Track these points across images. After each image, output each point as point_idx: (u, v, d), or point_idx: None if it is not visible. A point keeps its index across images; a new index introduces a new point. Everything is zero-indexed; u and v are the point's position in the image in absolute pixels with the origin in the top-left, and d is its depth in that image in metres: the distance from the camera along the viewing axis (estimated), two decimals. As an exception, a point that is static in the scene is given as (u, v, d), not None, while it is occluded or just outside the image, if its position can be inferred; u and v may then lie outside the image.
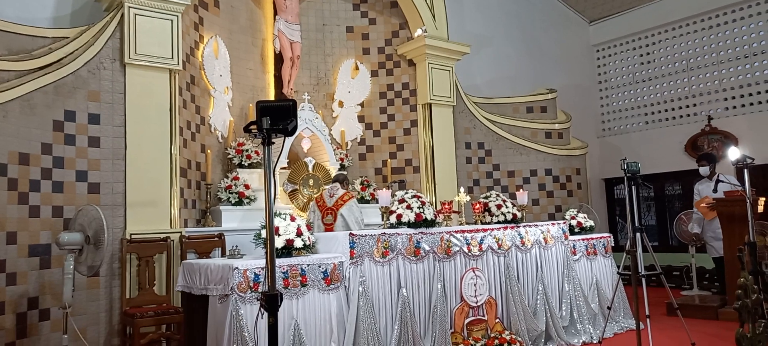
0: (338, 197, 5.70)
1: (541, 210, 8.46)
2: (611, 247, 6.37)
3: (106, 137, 5.34)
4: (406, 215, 4.67)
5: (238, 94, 7.13)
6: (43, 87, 4.89)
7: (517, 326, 5.07)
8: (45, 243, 4.85)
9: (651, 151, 9.77)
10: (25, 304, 4.67)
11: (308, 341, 3.87)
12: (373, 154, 8.04)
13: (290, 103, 2.60)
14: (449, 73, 8.02)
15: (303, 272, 3.93)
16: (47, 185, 4.93)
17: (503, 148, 8.48)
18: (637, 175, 4.06)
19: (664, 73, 10.16)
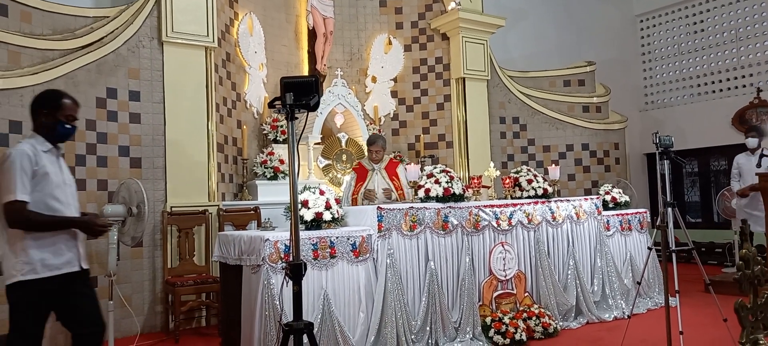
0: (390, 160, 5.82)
1: (577, 186, 8.34)
2: (648, 222, 6.26)
3: (146, 114, 5.55)
4: (434, 190, 4.71)
5: (272, 71, 7.25)
6: (86, 65, 5.11)
7: (547, 300, 5.07)
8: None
9: (696, 125, 9.46)
10: (74, 272, 4.94)
11: (337, 311, 3.99)
12: (406, 130, 8.07)
13: (313, 78, 2.66)
14: (484, 46, 7.92)
15: (332, 244, 4.04)
16: (92, 159, 5.18)
17: (539, 122, 8.36)
18: (670, 149, 3.97)
19: (711, 43, 9.77)
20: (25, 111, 4.56)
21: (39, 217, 2.68)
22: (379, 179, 5.44)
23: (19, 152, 2.69)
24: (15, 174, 2.64)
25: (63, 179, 2.85)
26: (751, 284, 1.58)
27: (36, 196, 2.68)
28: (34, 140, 2.81)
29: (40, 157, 2.73)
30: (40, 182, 2.70)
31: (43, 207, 2.71)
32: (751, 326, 1.70)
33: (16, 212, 2.64)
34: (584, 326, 5.16)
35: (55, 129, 2.85)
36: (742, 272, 1.64)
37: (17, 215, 2.64)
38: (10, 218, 2.66)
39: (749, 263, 1.62)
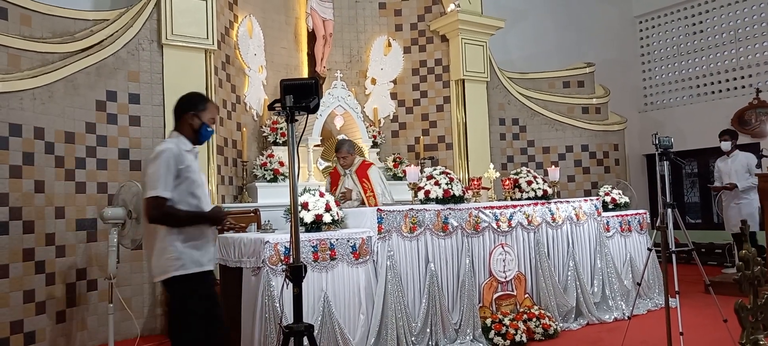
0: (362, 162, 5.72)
1: (577, 187, 8.34)
2: (647, 223, 6.26)
3: (146, 116, 5.55)
4: (434, 191, 4.71)
5: (272, 73, 7.25)
6: (86, 68, 5.11)
7: (547, 301, 5.07)
8: (91, 217, 5.11)
9: (695, 126, 9.46)
10: (74, 275, 4.95)
11: (337, 313, 3.99)
12: (406, 132, 8.07)
13: (312, 81, 2.66)
14: (483, 48, 7.93)
15: (332, 246, 4.04)
16: (92, 162, 5.18)
17: (538, 123, 8.37)
18: (670, 150, 3.97)
19: (710, 44, 9.78)
20: (25, 114, 4.58)
21: (177, 212, 2.76)
22: (349, 183, 5.51)
23: (168, 151, 2.78)
24: (161, 171, 2.73)
25: (201, 178, 2.95)
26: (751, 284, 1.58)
27: (178, 193, 2.77)
28: (178, 140, 2.91)
29: (184, 157, 2.83)
30: (183, 180, 2.79)
31: (185, 205, 2.80)
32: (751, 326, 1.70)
33: (156, 207, 2.71)
34: (584, 327, 5.16)
35: (200, 131, 2.98)
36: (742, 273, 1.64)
37: (157, 210, 2.72)
38: (150, 213, 2.73)
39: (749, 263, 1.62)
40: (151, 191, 2.73)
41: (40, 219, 4.65)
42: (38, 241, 4.63)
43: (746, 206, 6.94)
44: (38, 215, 4.64)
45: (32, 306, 4.53)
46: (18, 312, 4.43)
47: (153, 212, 2.73)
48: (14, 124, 4.49)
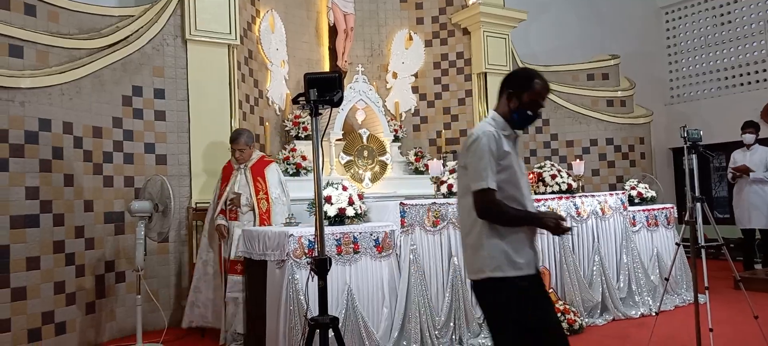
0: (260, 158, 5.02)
1: (602, 181, 8.23)
2: (675, 218, 6.15)
3: (171, 111, 5.62)
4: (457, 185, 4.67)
5: (294, 68, 7.28)
6: (112, 64, 5.19)
7: (572, 296, 5.02)
8: (118, 211, 5.20)
9: (723, 118, 9.24)
10: (102, 267, 5.05)
11: (361, 306, 4.00)
12: (427, 126, 8.04)
13: (336, 74, 2.67)
14: (505, 41, 7.85)
15: (355, 239, 4.05)
16: (119, 156, 5.27)
17: (561, 117, 8.27)
18: (698, 143, 3.89)
19: (738, 35, 9.54)
20: (54, 109, 4.67)
21: (509, 209, 2.39)
22: (242, 179, 4.81)
23: (487, 134, 2.39)
24: (485, 159, 2.35)
25: (521, 168, 2.53)
26: None
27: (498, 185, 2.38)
28: (496, 122, 2.51)
29: (502, 142, 2.43)
30: (504, 169, 2.41)
31: (505, 198, 2.40)
32: None
33: (489, 201, 2.35)
34: (610, 322, 5.10)
35: (513, 113, 2.50)
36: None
37: (490, 205, 2.36)
38: (481, 208, 2.37)
39: None
40: (478, 182, 2.34)
41: (69, 212, 4.75)
42: (68, 233, 4.72)
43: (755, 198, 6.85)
44: (68, 208, 4.74)
45: (62, 297, 4.63)
46: (49, 303, 4.53)
47: (484, 207, 2.35)
48: (43, 119, 4.58)
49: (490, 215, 2.37)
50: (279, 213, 4.77)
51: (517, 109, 2.49)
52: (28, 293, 4.39)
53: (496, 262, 2.37)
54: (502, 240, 2.38)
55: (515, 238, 2.39)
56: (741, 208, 7.09)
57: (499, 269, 2.37)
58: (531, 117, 2.52)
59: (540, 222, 2.45)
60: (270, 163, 4.96)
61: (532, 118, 2.53)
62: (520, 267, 2.38)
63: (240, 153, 4.81)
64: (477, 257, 2.42)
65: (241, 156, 4.82)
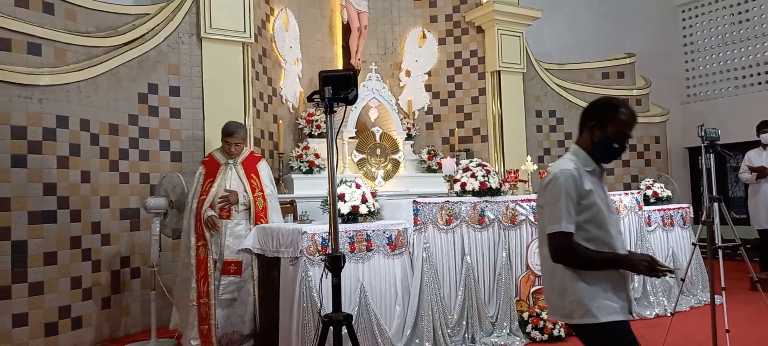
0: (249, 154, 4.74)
1: (616, 180, 8.17)
2: (691, 218, 6.09)
3: (186, 109, 5.67)
4: (470, 184, 4.67)
5: (307, 66, 7.30)
6: (129, 62, 5.24)
7: (585, 296, 4.98)
8: (134, 207, 5.25)
9: (740, 118, 9.11)
10: (118, 262, 5.10)
11: (374, 304, 4.01)
12: (441, 124, 8.03)
13: (351, 72, 2.67)
14: (519, 39, 7.81)
15: (368, 237, 4.05)
16: (135, 153, 5.32)
17: (576, 116, 8.09)
18: (716, 142, 3.84)
19: (756, 33, 9.40)
20: (71, 106, 4.73)
21: (587, 252, 2.23)
22: (234, 175, 4.50)
23: (564, 173, 2.26)
24: (561, 200, 2.22)
25: (608, 205, 2.35)
26: None
27: (579, 225, 2.25)
28: (577, 157, 2.34)
29: (584, 179, 2.27)
30: (585, 208, 2.25)
31: (588, 239, 2.25)
32: None
33: (562, 246, 2.22)
34: (624, 323, 5.05)
35: (597, 146, 2.32)
36: None
37: (564, 250, 2.23)
38: (555, 252, 2.25)
39: None
40: (554, 225, 2.23)
41: (86, 208, 4.80)
42: (84, 229, 4.79)
43: None
44: (84, 204, 4.79)
45: (79, 292, 4.70)
46: (65, 298, 4.59)
47: (558, 252, 2.24)
48: (61, 116, 4.64)
49: (564, 259, 2.24)
50: (275, 209, 4.57)
51: (601, 141, 2.31)
52: (46, 288, 4.46)
53: (584, 307, 2.22)
54: (588, 284, 2.23)
55: (602, 281, 2.23)
56: (757, 208, 7.00)
57: (589, 315, 2.22)
58: (617, 150, 2.34)
59: (630, 265, 2.26)
60: (260, 159, 4.73)
61: (618, 150, 2.34)
62: (610, 312, 2.23)
63: (235, 147, 4.51)
64: (563, 302, 2.29)
65: (236, 150, 4.53)
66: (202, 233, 4.38)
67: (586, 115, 2.38)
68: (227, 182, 4.47)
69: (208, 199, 4.38)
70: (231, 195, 4.40)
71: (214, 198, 4.40)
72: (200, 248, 4.38)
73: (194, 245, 4.39)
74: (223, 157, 4.56)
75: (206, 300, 4.33)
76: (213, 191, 4.41)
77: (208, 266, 4.36)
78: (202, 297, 4.34)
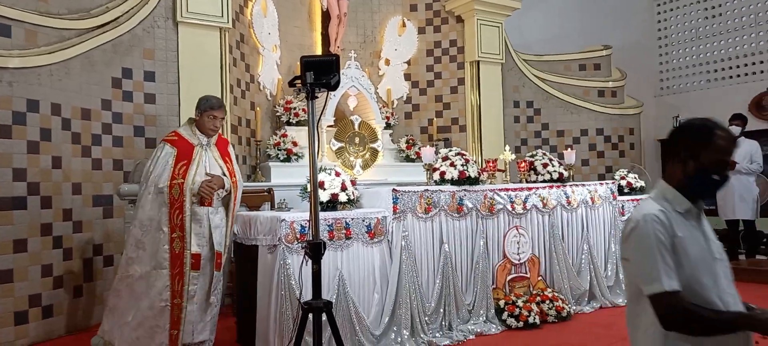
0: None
1: (591, 171, 8.29)
2: (663, 209, 6.21)
3: (161, 94, 5.56)
4: (449, 173, 4.69)
5: (286, 53, 7.22)
6: (102, 45, 5.10)
7: (560, 284, 5.07)
8: (107, 194, 5.14)
9: (712, 111, 9.23)
10: (90, 250, 5.00)
11: (352, 292, 4.01)
12: (419, 113, 8.03)
13: (333, 57, 2.65)
14: (499, 29, 7.85)
15: (347, 225, 4.04)
16: (108, 139, 5.20)
17: (553, 106, 8.29)
18: (690, 133, 3.92)
19: (729, 28, 9.60)
20: (42, 90, 4.59)
21: (703, 313, 1.81)
22: (211, 158, 3.99)
23: (648, 219, 1.86)
24: (653, 251, 1.82)
25: (710, 250, 1.93)
26: None
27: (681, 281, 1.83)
28: (664, 198, 1.95)
29: (674, 224, 1.87)
30: (677, 259, 1.84)
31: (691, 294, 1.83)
32: None
33: (671, 309, 1.80)
34: (597, 310, 5.16)
35: (691, 180, 1.93)
36: None
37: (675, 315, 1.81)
38: (664, 319, 1.82)
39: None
40: (651, 284, 1.82)
41: (57, 195, 4.69)
42: (56, 216, 4.67)
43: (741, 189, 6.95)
44: (55, 190, 4.68)
45: (50, 280, 4.60)
46: (36, 286, 4.49)
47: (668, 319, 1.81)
48: (32, 100, 4.51)
49: (677, 325, 1.82)
50: (239, 198, 4.15)
51: (697, 174, 1.91)
52: (15, 276, 4.35)
53: None
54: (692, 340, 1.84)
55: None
56: (726, 200, 7.17)
57: None
58: (717, 182, 1.93)
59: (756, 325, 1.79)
60: (228, 142, 4.29)
61: (717, 183, 1.93)
62: None
63: (219, 123, 4.01)
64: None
65: (215, 128, 4.00)
66: (178, 223, 3.77)
67: (674, 144, 1.98)
68: (207, 166, 3.94)
69: (188, 183, 3.79)
70: (216, 180, 3.89)
71: (193, 185, 3.80)
72: (175, 241, 3.76)
73: (167, 237, 3.76)
74: (195, 136, 3.96)
75: (179, 301, 3.76)
76: (191, 175, 3.80)
77: (185, 261, 3.78)
78: (176, 297, 3.75)
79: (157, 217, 3.79)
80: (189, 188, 3.79)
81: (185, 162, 3.84)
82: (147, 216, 3.80)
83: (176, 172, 3.81)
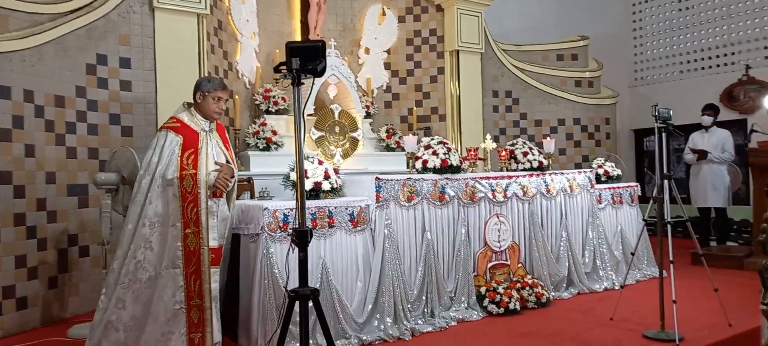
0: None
1: (568, 160, 8.40)
2: (638, 196, 6.34)
3: (138, 81, 5.44)
4: (431, 161, 4.70)
5: (264, 40, 7.13)
6: (76, 30, 4.97)
7: (540, 271, 5.14)
8: (82, 183, 5.03)
9: (685, 101, 9.50)
10: (65, 240, 4.89)
11: (335, 280, 4.00)
12: (399, 102, 8.02)
13: (320, 43, 2.62)
14: (478, 19, 7.87)
15: (330, 213, 4.03)
16: (83, 127, 5.08)
17: (531, 96, 8.37)
18: (669, 121, 4.00)
19: (702, 20, 9.80)
20: (14, 76, 4.46)
21: None
22: (214, 146, 3.67)
23: None
24: None
25: None
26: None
27: None
28: None
29: None
30: None
31: None
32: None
33: None
34: (575, 296, 5.24)
35: None
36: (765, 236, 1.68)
37: None
38: None
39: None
40: None
41: (30, 184, 4.57)
42: (29, 206, 4.55)
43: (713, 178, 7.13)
44: (29, 179, 4.56)
45: (24, 271, 4.48)
46: (10, 277, 4.38)
47: None
48: (3, 86, 4.37)
49: None
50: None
51: None
52: (-12, 267, 4.24)
53: None
54: None
55: None
56: (698, 188, 7.35)
57: None
58: None
59: None
60: (223, 126, 3.97)
61: None
62: None
63: (223, 106, 3.70)
64: None
65: (220, 111, 3.70)
66: (192, 217, 3.41)
67: None
68: (215, 154, 3.61)
69: (202, 174, 3.45)
70: (227, 169, 3.58)
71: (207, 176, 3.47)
72: (189, 237, 3.39)
73: (181, 233, 3.41)
74: (198, 122, 3.61)
75: (199, 302, 3.43)
76: (201, 164, 3.47)
77: (202, 258, 3.44)
78: (194, 298, 3.42)
79: (165, 212, 3.45)
80: (204, 180, 3.45)
81: (192, 150, 3.49)
82: (153, 212, 3.44)
83: (184, 162, 3.46)
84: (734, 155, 7.32)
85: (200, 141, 3.55)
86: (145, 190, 3.48)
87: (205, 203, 3.45)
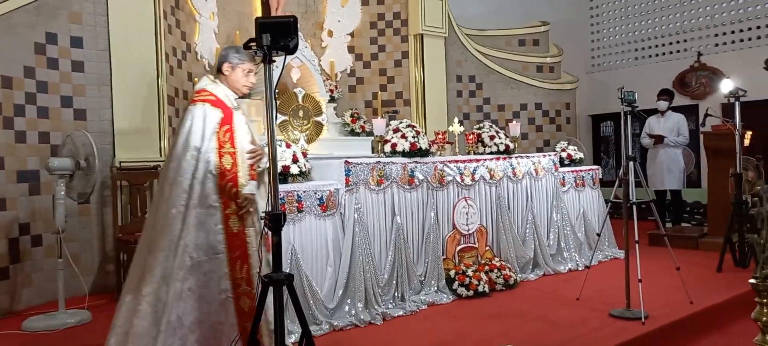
0: None
1: (530, 144, 8.51)
2: (600, 179, 6.48)
3: (91, 62, 5.18)
4: (400, 145, 4.66)
5: (224, 21, 6.91)
6: (24, 6, 4.68)
7: (507, 253, 5.19)
8: (33, 169, 4.76)
9: (639, 87, 9.65)
10: (16, 229, 4.63)
11: (305, 265, 3.92)
12: (363, 87, 7.94)
13: (291, 19, 2.51)
14: (442, 3, 7.84)
15: (299, 198, 3.93)
16: (32, 109, 4.80)
17: (494, 81, 8.42)
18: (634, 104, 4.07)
19: (656, 7, 10.07)
20: (-46, 54, 4.15)
21: None
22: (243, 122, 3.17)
23: None
24: None
25: None
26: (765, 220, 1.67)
27: None
28: None
29: None
30: None
31: None
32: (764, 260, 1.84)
33: None
34: (541, 277, 5.32)
35: None
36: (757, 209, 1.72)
37: None
38: None
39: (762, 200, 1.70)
40: None
41: (-24, 170, 4.29)
42: (-25, 193, 4.28)
43: (669, 161, 7.38)
44: (-26, 165, 4.28)
45: (-29, 263, 4.22)
46: (-45, 269, 4.11)
47: None
48: (-57, 65, 4.07)
49: None
50: None
51: None
52: (-69, 259, 3.96)
53: None
54: None
55: None
56: (655, 171, 7.58)
57: None
58: None
59: None
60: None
61: None
62: None
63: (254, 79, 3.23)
64: None
65: (252, 86, 3.27)
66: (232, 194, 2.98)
67: None
68: (248, 134, 3.16)
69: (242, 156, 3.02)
70: (257, 150, 3.11)
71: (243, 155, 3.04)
72: (231, 218, 2.99)
73: (221, 215, 2.98)
74: (231, 97, 3.17)
75: (248, 289, 3.02)
76: (239, 142, 3.04)
77: (248, 240, 3.03)
78: (242, 285, 3.01)
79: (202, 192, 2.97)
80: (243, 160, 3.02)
81: (228, 127, 3.05)
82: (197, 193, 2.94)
83: (221, 138, 3.03)
84: (689, 139, 7.57)
85: (234, 120, 3.11)
86: (190, 170, 2.97)
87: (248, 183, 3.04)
